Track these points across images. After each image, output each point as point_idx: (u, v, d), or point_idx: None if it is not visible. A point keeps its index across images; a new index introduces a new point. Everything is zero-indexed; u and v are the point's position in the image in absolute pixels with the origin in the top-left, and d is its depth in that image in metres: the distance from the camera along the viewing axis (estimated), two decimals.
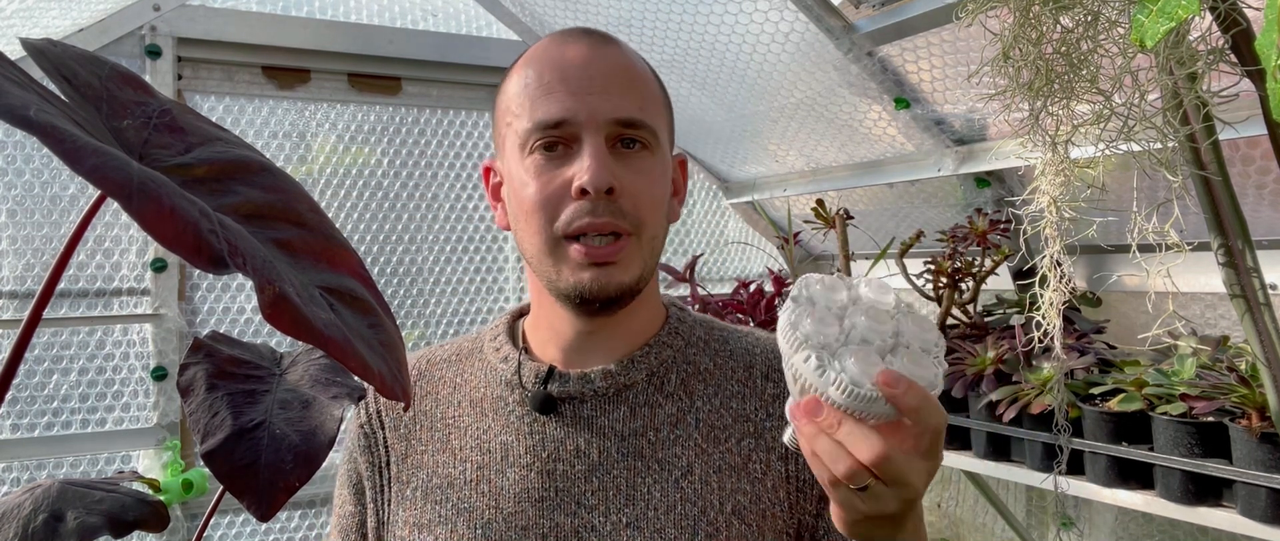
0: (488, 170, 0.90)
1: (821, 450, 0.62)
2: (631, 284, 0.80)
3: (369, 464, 0.89)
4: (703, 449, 0.82)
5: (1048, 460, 1.34)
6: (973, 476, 1.79)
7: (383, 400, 0.91)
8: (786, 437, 0.69)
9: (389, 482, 0.88)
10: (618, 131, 0.79)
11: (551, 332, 0.86)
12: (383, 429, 0.90)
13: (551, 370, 0.85)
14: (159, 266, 1.75)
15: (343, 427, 0.75)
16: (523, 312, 0.94)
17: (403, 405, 0.76)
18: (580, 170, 0.77)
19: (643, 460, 0.81)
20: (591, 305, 0.80)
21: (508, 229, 0.87)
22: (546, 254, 0.80)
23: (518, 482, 0.82)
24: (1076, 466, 1.33)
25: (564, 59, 0.80)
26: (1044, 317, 1.00)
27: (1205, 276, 1.41)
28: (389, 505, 0.87)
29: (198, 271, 1.82)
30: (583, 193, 0.77)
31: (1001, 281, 1.74)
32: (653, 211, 0.81)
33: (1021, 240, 1.62)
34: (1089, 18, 0.81)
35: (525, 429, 0.84)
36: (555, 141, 0.79)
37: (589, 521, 0.80)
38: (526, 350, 0.88)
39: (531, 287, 0.88)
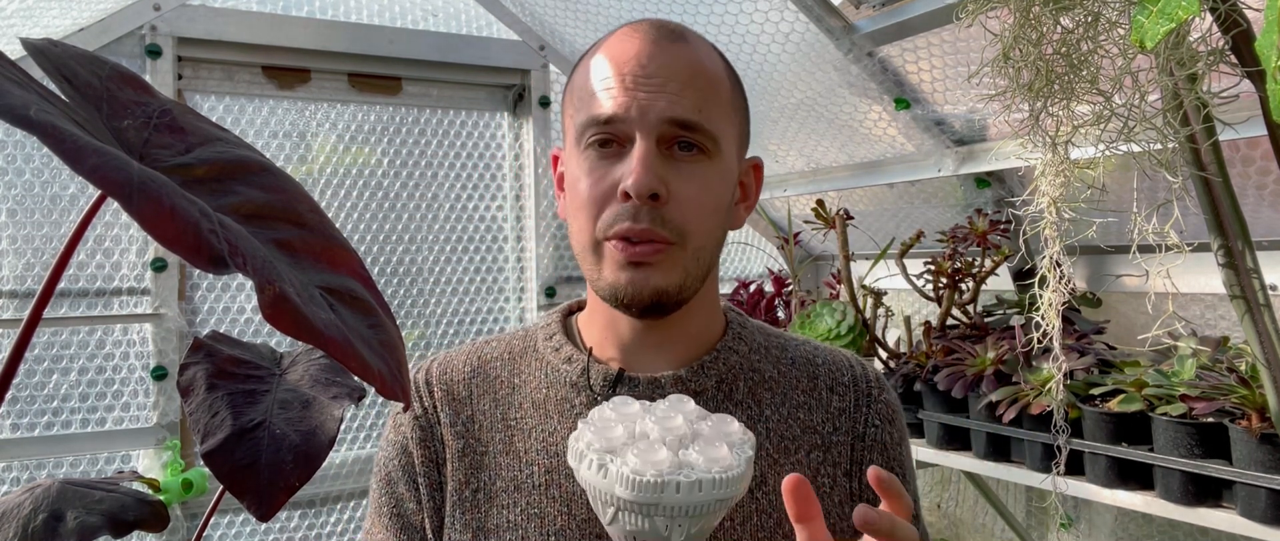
0: (556, 158, 0.87)
1: None
2: (670, 290, 0.77)
3: (425, 458, 0.85)
4: (775, 460, 0.80)
5: (1047, 460, 1.34)
6: (972, 477, 1.79)
7: (439, 395, 0.87)
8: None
9: (445, 480, 0.84)
10: (672, 133, 0.75)
11: (610, 332, 0.83)
12: (439, 424, 0.86)
13: (620, 373, 0.82)
14: (159, 266, 1.75)
15: (342, 427, 0.75)
16: (572, 310, 0.91)
17: (403, 406, 0.76)
18: (625, 172, 0.74)
19: None
20: (629, 308, 0.78)
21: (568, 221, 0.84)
22: (590, 252, 0.78)
23: None
24: (1076, 467, 1.33)
25: (626, 53, 0.77)
26: (1044, 318, 0.99)
27: (1205, 277, 1.41)
28: (445, 505, 0.84)
29: (198, 271, 1.82)
30: (626, 196, 0.74)
31: (1001, 282, 1.74)
32: (701, 221, 0.77)
33: (1021, 241, 1.62)
34: (1089, 19, 0.81)
35: None
36: (609, 139, 0.76)
37: None
38: (588, 351, 0.86)
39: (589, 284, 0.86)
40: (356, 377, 0.67)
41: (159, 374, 1.75)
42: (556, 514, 0.79)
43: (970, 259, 1.65)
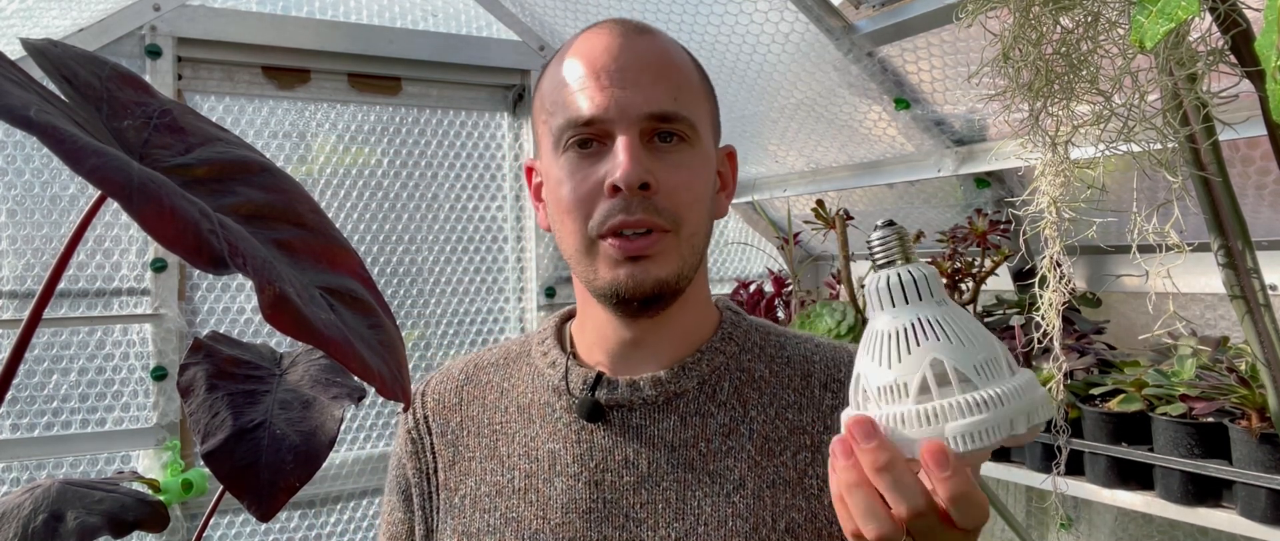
0: (530, 170, 0.87)
1: (855, 500, 0.54)
2: (670, 280, 0.77)
3: (416, 470, 0.87)
4: (756, 461, 0.79)
5: (1047, 461, 1.34)
6: None
7: (430, 405, 0.89)
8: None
9: (437, 489, 0.86)
10: (652, 126, 0.76)
11: (598, 336, 0.83)
12: (430, 435, 0.88)
13: (599, 376, 0.82)
14: (159, 266, 1.75)
15: (342, 427, 0.75)
16: (571, 316, 0.91)
17: (403, 406, 0.76)
18: (612, 167, 0.74)
19: (693, 472, 0.78)
20: (629, 304, 0.77)
21: (550, 230, 0.83)
22: (583, 254, 0.77)
23: (565, 493, 0.79)
24: (1076, 467, 1.33)
25: (595, 52, 0.78)
26: (1043, 318, 0.99)
27: (1205, 277, 1.41)
28: (437, 513, 0.85)
29: (198, 271, 1.82)
30: (615, 190, 0.74)
31: (1001, 282, 1.74)
32: (692, 207, 0.77)
33: (1021, 241, 1.62)
34: (1089, 18, 0.81)
35: (572, 437, 0.81)
36: (588, 139, 0.76)
37: (637, 535, 0.77)
38: (574, 354, 0.85)
39: (576, 289, 0.85)
40: (357, 378, 0.67)
41: (159, 374, 1.75)
42: (532, 518, 0.80)
43: (970, 259, 1.65)
